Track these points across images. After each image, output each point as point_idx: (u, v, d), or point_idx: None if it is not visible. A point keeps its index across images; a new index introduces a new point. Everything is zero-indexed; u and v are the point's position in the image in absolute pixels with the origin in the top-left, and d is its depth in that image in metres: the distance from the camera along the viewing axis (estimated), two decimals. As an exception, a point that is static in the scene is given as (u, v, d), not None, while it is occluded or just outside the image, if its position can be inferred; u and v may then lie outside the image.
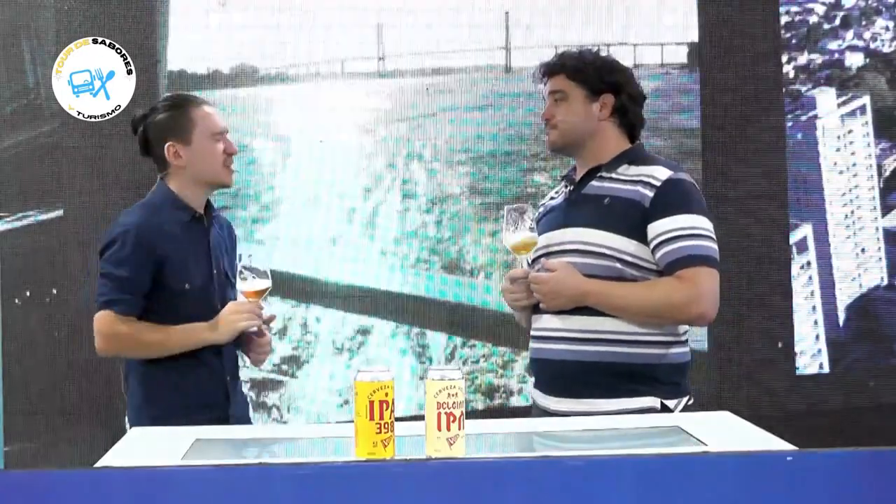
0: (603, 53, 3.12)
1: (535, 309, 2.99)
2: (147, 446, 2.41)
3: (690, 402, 2.92)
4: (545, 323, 2.96)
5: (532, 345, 3.02)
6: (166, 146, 3.09)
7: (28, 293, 3.99)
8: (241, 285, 3.00)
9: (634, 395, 2.86)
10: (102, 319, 3.06)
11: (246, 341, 3.13)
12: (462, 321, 4.12)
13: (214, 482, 1.95)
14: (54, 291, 3.95)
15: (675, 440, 2.38)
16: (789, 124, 4.25)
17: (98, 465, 2.17)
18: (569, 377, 2.91)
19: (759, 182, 4.25)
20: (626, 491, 1.97)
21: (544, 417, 2.93)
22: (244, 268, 3.00)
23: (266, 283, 3.02)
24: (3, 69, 3.98)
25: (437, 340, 4.14)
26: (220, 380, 3.10)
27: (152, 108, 3.16)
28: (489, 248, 4.09)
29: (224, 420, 3.05)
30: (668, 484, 1.97)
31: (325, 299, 4.12)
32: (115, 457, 2.29)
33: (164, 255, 3.05)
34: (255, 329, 3.04)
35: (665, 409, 2.85)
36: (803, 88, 4.26)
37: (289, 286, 4.10)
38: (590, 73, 3.01)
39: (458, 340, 4.12)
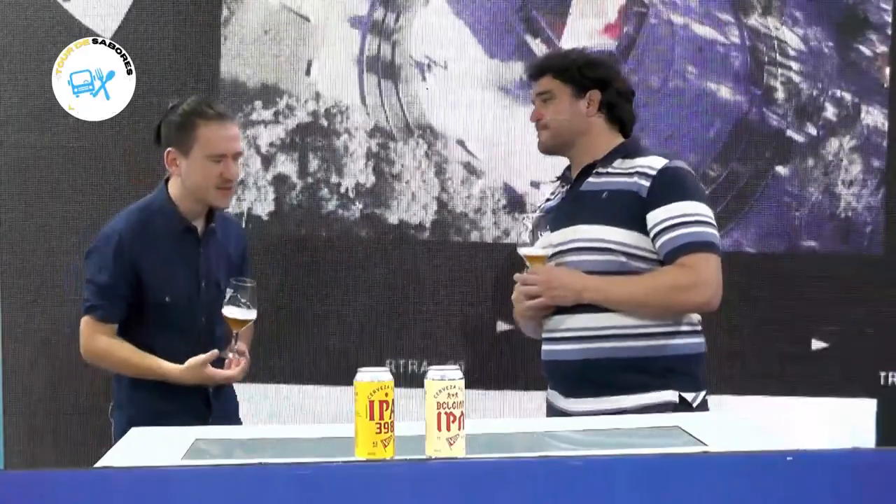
0: (590, 51, 3.14)
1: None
2: (147, 446, 2.41)
3: (707, 396, 2.91)
4: (555, 324, 2.94)
5: (544, 346, 3.00)
6: (166, 151, 3.08)
7: (28, 293, 3.99)
8: (225, 309, 2.98)
9: (651, 389, 2.84)
10: (84, 325, 3.09)
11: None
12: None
13: (214, 482, 1.95)
14: (54, 291, 3.95)
15: (675, 440, 2.38)
16: None
17: (98, 465, 2.17)
18: (583, 377, 2.89)
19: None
20: (626, 491, 1.97)
21: (545, 418, 2.92)
22: (236, 290, 2.97)
23: (250, 317, 3.00)
24: (3, 69, 3.98)
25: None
26: (202, 387, 3.08)
27: (175, 104, 3.14)
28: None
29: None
30: (668, 484, 1.97)
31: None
32: (115, 457, 2.29)
33: (145, 266, 3.04)
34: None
35: (683, 402, 2.84)
36: None
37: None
38: (574, 70, 3.02)
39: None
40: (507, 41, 4.01)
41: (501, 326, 4.04)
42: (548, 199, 3.15)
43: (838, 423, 4.02)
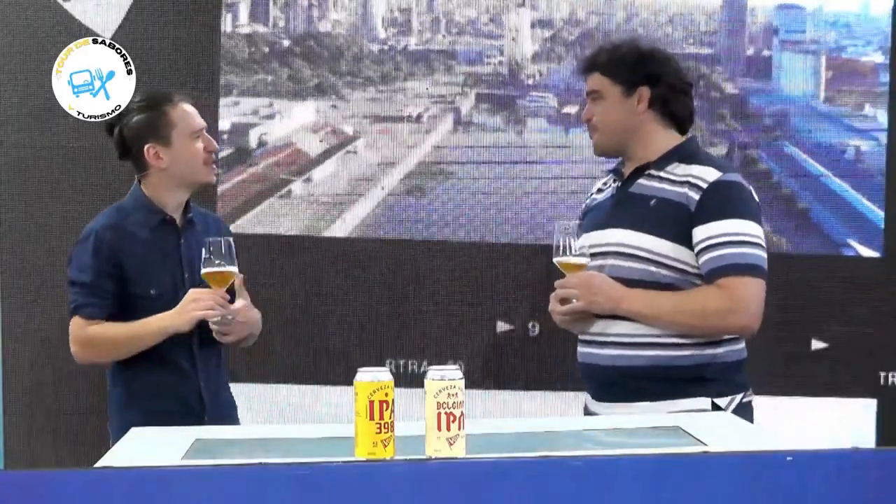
0: (643, 43, 3.01)
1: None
2: (147, 446, 2.41)
3: (746, 398, 2.85)
4: (594, 327, 2.88)
5: (580, 349, 2.94)
6: (146, 148, 3.06)
7: (28, 293, 3.99)
8: (203, 267, 2.90)
9: (683, 396, 2.79)
10: (73, 326, 3.08)
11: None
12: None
13: (214, 482, 1.95)
14: (54, 292, 3.95)
15: (675, 440, 2.38)
16: None
17: (98, 465, 2.17)
18: (618, 383, 2.85)
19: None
20: (625, 491, 1.97)
21: (544, 418, 2.91)
22: (210, 249, 2.88)
23: (230, 269, 2.90)
24: (3, 69, 3.98)
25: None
26: (194, 384, 3.08)
27: (126, 109, 3.14)
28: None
29: (201, 424, 3.03)
30: (668, 484, 1.97)
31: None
32: (115, 457, 2.29)
33: (127, 260, 3.03)
34: (217, 319, 2.96)
35: (716, 407, 2.79)
36: None
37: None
38: (622, 68, 2.90)
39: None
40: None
41: (501, 326, 4.05)
42: (599, 190, 3.05)
43: (838, 423, 4.02)
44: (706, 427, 2.43)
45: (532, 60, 4.11)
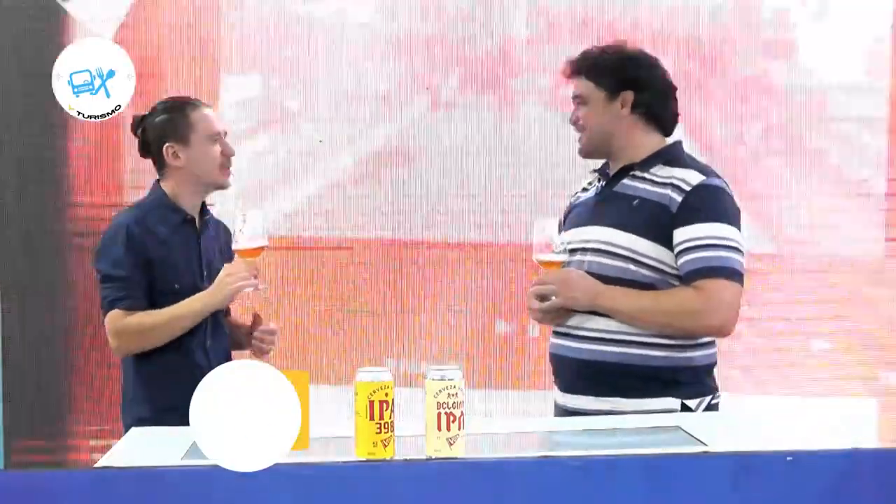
0: (628, 47, 3.03)
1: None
2: (147, 446, 2.41)
3: (715, 400, 2.88)
4: (569, 321, 2.90)
5: (553, 340, 2.97)
6: (165, 147, 3.14)
7: (29, 293, 3.99)
8: (235, 244, 2.98)
9: (655, 395, 2.81)
10: (110, 319, 3.09)
11: (245, 332, 3.20)
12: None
13: (214, 482, 1.96)
14: (55, 291, 3.95)
15: (675, 440, 2.38)
16: None
17: (98, 465, 2.17)
18: (589, 377, 2.87)
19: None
20: (625, 491, 1.97)
21: (544, 417, 2.91)
22: (242, 222, 2.96)
23: (261, 242, 2.97)
24: (3, 69, 3.98)
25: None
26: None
27: (152, 109, 3.22)
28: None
29: None
30: (668, 484, 1.97)
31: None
32: (115, 457, 2.29)
33: (154, 256, 3.08)
34: (250, 289, 3.03)
35: (686, 409, 2.81)
36: None
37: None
38: (606, 72, 2.95)
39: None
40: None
41: (501, 326, 4.05)
42: (584, 188, 3.09)
43: (838, 423, 4.02)
44: (706, 427, 2.44)
45: (527, 43, 4.08)
